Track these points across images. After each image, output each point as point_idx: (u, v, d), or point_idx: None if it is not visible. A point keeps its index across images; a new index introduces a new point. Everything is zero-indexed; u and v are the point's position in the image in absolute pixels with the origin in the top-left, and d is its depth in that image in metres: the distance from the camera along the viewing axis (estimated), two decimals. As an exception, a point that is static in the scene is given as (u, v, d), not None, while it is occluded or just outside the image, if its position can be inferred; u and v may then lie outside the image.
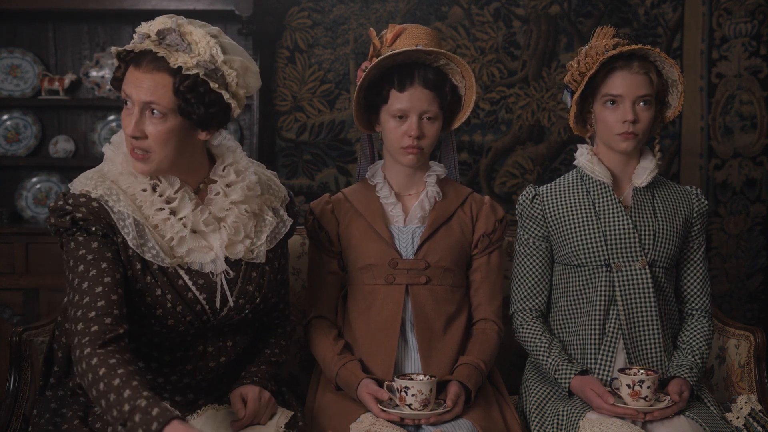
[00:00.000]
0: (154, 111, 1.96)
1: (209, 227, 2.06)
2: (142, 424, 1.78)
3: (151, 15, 2.31)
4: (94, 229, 1.97)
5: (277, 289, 2.26)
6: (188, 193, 2.06)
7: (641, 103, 2.39)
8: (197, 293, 2.05)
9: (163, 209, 2.02)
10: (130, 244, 1.98)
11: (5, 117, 4.14)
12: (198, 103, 1.99)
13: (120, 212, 1.99)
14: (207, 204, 2.09)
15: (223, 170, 2.12)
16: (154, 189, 2.04)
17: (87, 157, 4.10)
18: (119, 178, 2.04)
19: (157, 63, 1.95)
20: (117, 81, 2.04)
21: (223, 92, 2.01)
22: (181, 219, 2.03)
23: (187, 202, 2.04)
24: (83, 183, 2.04)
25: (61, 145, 4.11)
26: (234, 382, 2.20)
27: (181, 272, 2.04)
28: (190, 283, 2.04)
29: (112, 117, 4.15)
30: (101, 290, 1.93)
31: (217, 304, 2.08)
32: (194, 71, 1.96)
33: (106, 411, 1.84)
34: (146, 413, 1.78)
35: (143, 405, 1.79)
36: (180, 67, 1.95)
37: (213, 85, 1.99)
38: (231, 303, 2.09)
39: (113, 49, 2.02)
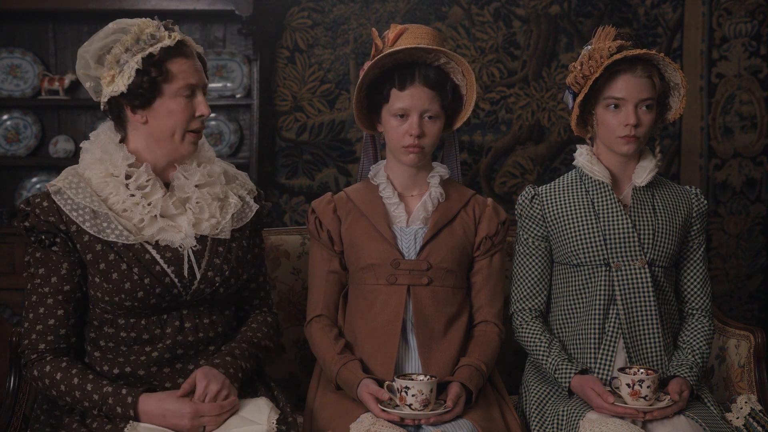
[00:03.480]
0: (205, 91, 2.20)
1: (177, 210, 2.20)
2: (117, 403, 2.06)
3: (151, 15, 2.32)
4: (43, 237, 2.13)
5: (247, 268, 2.31)
6: (159, 182, 2.20)
7: (643, 107, 2.40)
8: (165, 266, 2.15)
9: (135, 195, 2.16)
10: (86, 229, 2.11)
11: (5, 117, 4.14)
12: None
13: (77, 203, 2.13)
14: (172, 190, 2.22)
15: (186, 160, 2.26)
16: (127, 177, 2.17)
17: (87, 157, 4.10)
18: (92, 166, 2.19)
19: (191, 50, 2.19)
20: (153, 83, 2.12)
21: None
22: (150, 203, 2.17)
23: (158, 189, 2.18)
24: (60, 175, 2.21)
25: (61, 145, 4.11)
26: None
27: (149, 247, 2.15)
28: (158, 257, 2.15)
29: (112, 117, 4.14)
30: (51, 302, 2.13)
31: (185, 274, 2.17)
32: (201, 52, 2.24)
33: (73, 404, 2.11)
34: (117, 394, 2.07)
35: (110, 390, 2.08)
36: (200, 53, 2.23)
37: None
38: (198, 275, 2.18)
39: (137, 58, 2.12)
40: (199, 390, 2.10)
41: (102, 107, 2.20)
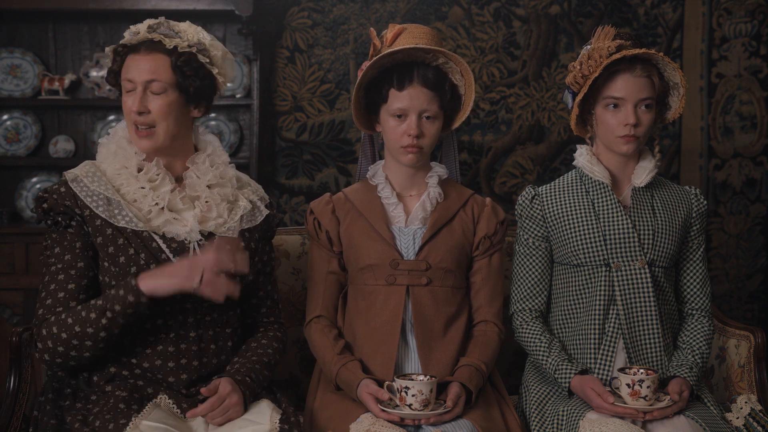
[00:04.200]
0: (156, 88, 2.22)
1: (185, 206, 2.26)
2: (119, 288, 2.12)
3: (151, 15, 2.35)
4: (59, 219, 2.21)
5: (253, 270, 2.33)
6: (169, 176, 2.27)
7: (643, 107, 2.40)
8: (170, 255, 2.21)
9: (145, 187, 2.24)
10: (98, 213, 2.20)
11: (5, 117, 4.14)
12: (193, 76, 2.26)
13: (92, 190, 2.22)
14: (183, 187, 2.29)
15: (199, 159, 2.33)
16: (138, 170, 2.26)
17: (87, 157, 4.02)
18: (107, 159, 2.29)
19: (155, 46, 2.24)
20: (114, 74, 2.30)
21: (211, 68, 2.30)
22: (158, 195, 2.24)
23: (166, 183, 2.26)
24: (77, 166, 2.31)
25: (61, 145, 4.11)
26: (215, 369, 2.26)
27: (156, 237, 2.22)
28: (163, 246, 2.22)
29: (112, 117, 4.15)
30: (63, 277, 2.19)
31: None
32: (187, 49, 2.26)
33: (83, 330, 2.11)
34: (118, 286, 2.13)
35: (112, 291, 2.13)
36: (175, 47, 2.24)
37: (204, 59, 2.28)
38: None
39: (108, 48, 2.30)
40: (223, 392, 2.13)
41: None
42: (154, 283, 2.12)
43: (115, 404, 2.12)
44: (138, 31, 2.27)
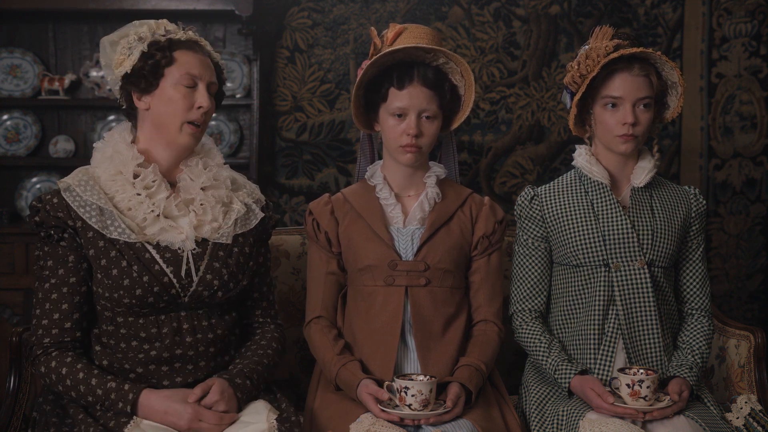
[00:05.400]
0: (212, 89, 2.26)
1: (180, 212, 2.24)
2: (119, 399, 2.10)
3: (151, 15, 2.35)
4: (52, 232, 2.18)
5: (248, 274, 2.31)
6: (164, 183, 2.24)
7: (641, 106, 2.40)
8: (164, 265, 2.19)
9: (140, 194, 2.20)
10: (91, 224, 2.17)
11: (5, 117, 4.14)
12: (221, 86, 2.32)
13: (85, 200, 2.19)
14: (177, 191, 2.27)
15: (192, 162, 2.32)
16: (135, 176, 2.22)
17: (87, 157, 4.03)
18: (102, 164, 2.26)
19: (201, 49, 2.27)
20: (155, 67, 2.20)
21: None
22: (154, 202, 2.22)
23: (162, 190, 2.23)
24: (71, 173, 2.27)
25: (61, 145, 4.11)
26: (213, 372, 2.25)
27: (149, 247, 2.19)
28: (157, 257, 2.19)
29: (112, 117, 4.15)
30: (56, 296, 2.18)
31: (183, 274, 2.19)
32: (219, 61, 2.31)
33: (78, 399, 2.14)
34: (119, 390, 2.11)
35: (113, 386, 2.12)
36: (213, 56, 2.29)
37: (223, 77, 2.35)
38: (197, 277, 2.20)
39: (146, 39, 2.23)
40: (209, 400, 2.14)
41: (118, 101, 2.30)
42: (151, 415, 2.11)
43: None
44: (172, 29, 2.25)
